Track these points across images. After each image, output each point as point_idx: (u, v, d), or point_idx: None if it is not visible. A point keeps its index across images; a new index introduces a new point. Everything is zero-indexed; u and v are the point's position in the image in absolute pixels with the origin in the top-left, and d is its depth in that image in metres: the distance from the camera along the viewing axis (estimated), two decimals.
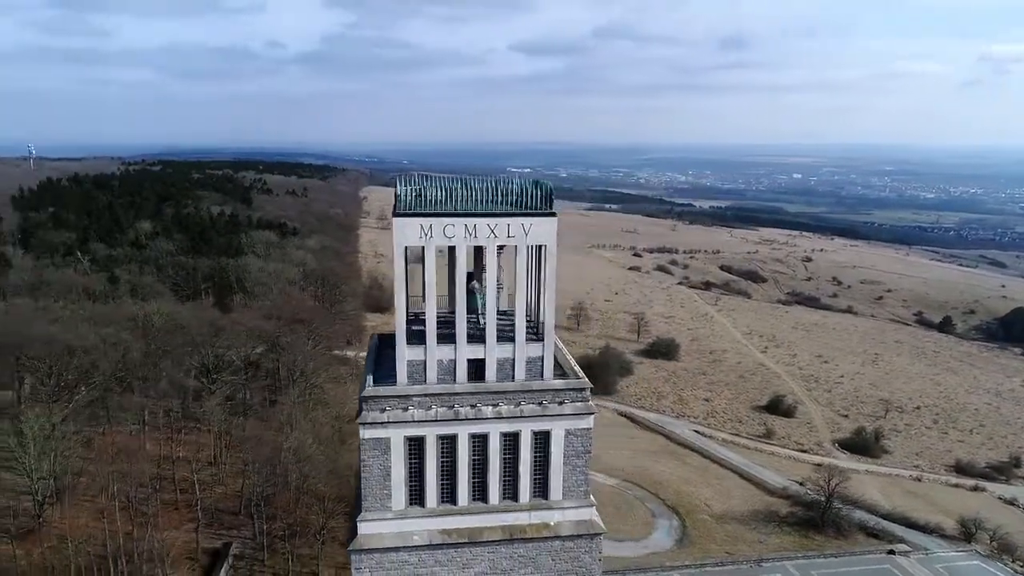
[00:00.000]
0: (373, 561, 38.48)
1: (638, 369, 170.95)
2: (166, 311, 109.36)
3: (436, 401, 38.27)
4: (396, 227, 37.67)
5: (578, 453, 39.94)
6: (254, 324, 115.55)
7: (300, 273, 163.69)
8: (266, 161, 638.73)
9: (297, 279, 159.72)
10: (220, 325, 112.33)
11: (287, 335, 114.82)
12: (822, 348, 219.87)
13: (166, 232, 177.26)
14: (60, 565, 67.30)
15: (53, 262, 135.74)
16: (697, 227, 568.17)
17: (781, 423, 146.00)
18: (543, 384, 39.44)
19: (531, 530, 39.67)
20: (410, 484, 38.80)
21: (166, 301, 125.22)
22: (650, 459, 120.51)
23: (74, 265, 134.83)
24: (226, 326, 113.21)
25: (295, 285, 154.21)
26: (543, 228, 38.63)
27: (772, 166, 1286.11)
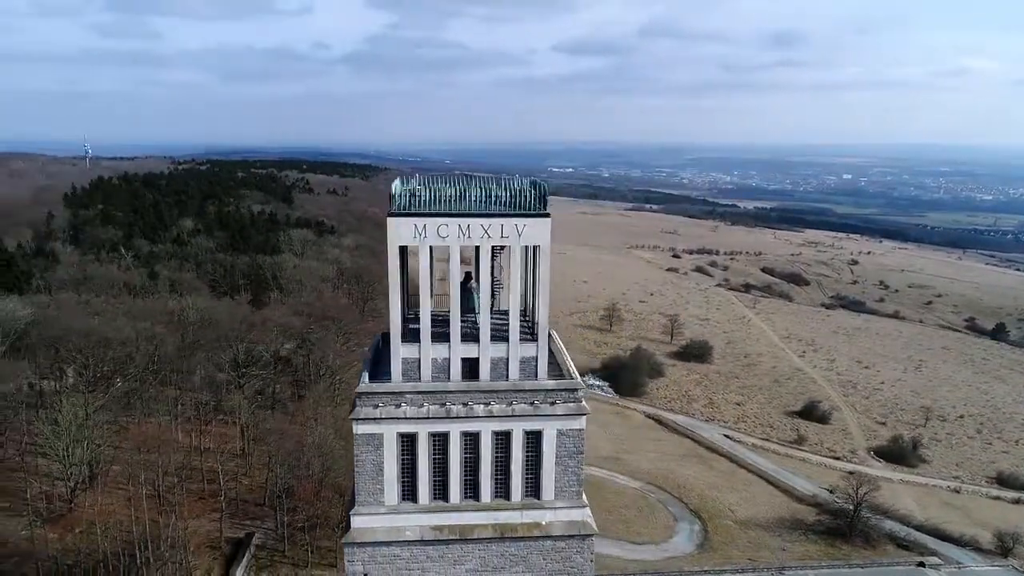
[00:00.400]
0: (365, 554, 39.16)
1: (669, 371, 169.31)
2: (200, 306, 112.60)
3: (428, 399, 38.74)
4: (390, 227, 38.18)
5: (570, 454, 39.94)
6: (285, 321, 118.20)
7: (334, 271, 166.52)
8: (310, 160, 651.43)
9: (331, 277, 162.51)
10: (252, 321, 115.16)
11: (317, 332, 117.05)
12: (863, 353, 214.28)
13: (207, 230, 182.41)
14: (89, 549, 70.01)
15: (98, 258, 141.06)
16: (739, 228, 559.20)
17: (814, 429, 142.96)
18: (535, 384, 39.55)
19: (522, 529, 39.84)
20: (402, 480, 39.35)
21: (203, 297, 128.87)
22: (676, 462, 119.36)
23: (118, 261, 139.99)
24: (257, 322, 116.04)
25: (328, 283, 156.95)
26: (537, 229, 38.79)
27: (821, 166, 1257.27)
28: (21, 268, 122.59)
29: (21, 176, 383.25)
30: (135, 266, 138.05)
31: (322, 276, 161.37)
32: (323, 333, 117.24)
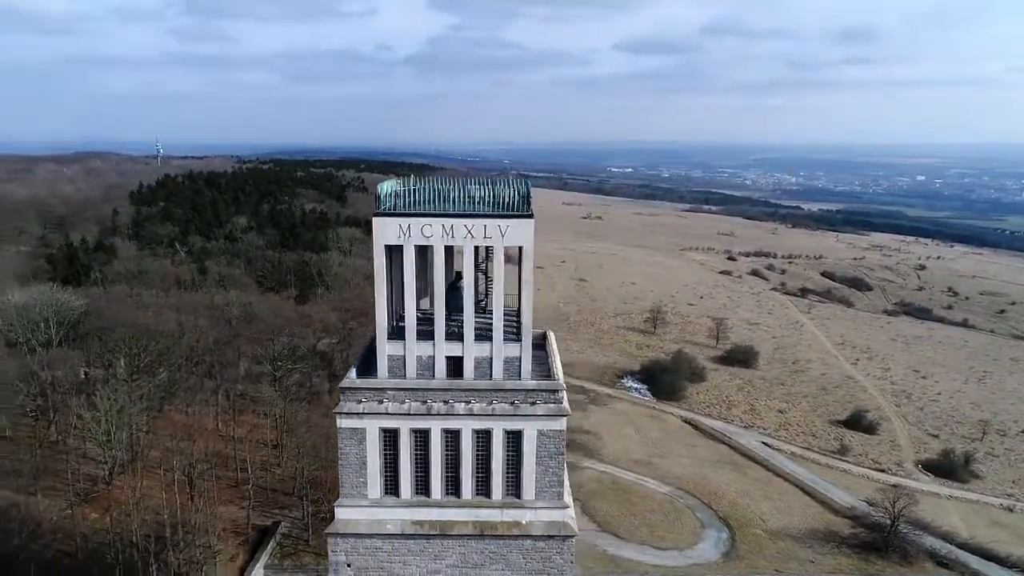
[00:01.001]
0: (348, 545, 40.22)
1: (711, 376, 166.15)
2: (244, 301, 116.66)
3: (410, 396, 39.52)
4: (376, 226, 39.18)
5: (551, 454, 40.14)
6: (325, 316, 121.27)
7: None
8: (369, 160, 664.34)
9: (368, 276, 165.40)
10: (293, 316, 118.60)
11: (355, 327, 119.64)
12: (922, 363, 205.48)
13: (260, 227, 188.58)
14: (122, 529, 73.66)
15: (154, 252, 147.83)
16: (800, 231, 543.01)
17: (860, 439, 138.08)
18: (516, 384, 39.89)
19: (502, 527, 40.21)
20: (385, 474, 40.27)
21: (250, 292, 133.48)
22: (709, 468, 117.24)
23: (171, 256, 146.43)
24: (298, 317, 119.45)
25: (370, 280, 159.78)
26: (519, 230, 39.09)
27: (893, 167, 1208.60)
28: (82, 262, 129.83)
29: (97, 175, 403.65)
30: (188, 261, 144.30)
31: (366, 274, 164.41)
32: (362, 329, 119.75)
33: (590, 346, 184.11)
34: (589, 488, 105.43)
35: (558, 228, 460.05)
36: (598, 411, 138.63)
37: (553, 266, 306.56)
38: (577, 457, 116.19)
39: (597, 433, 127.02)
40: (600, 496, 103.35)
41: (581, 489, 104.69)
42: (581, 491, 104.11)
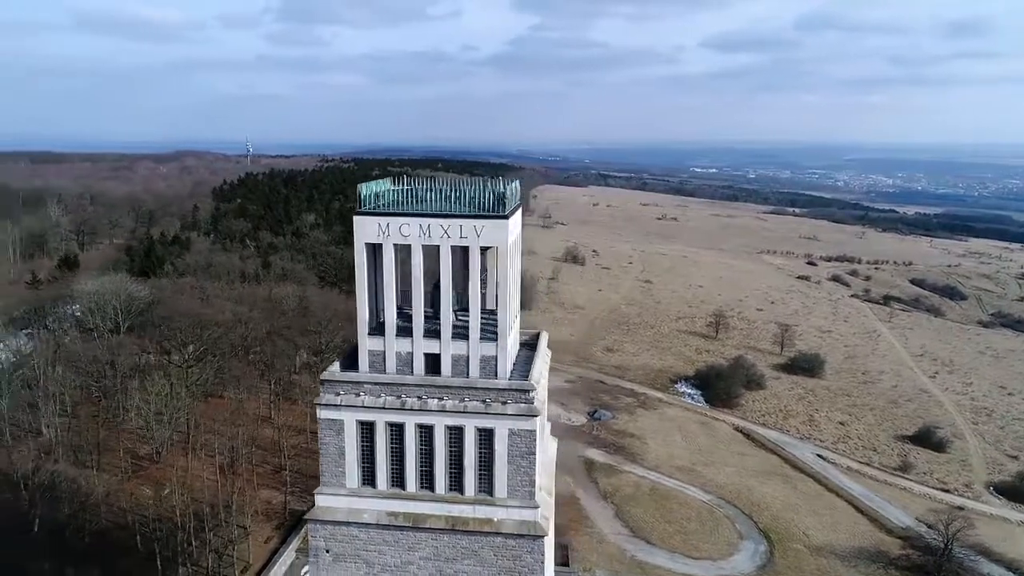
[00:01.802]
0: (327, 532, 41.71)
1: (772, 384, 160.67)
2: (298, 294, 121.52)
3: (386, 390, 40.62)
4: (356, 225, 40.36)
5: (522, 454, 40.30)
6: None
7: None
8: (448, 159, 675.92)
9: None
10: (343, 310, 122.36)
11: None
12: (1011, 378, 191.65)
13: (327, 224, 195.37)
14: (166, 505, 78.38)
15: (224, 247, 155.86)
16: (891, 235, 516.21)
17: (926, 457, 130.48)
18: (488, 383, 40.30)
19: (474, 523, 40.72)
20: (363, 465, 41.53)
21: (310, 287, 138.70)
22: (756, 479, 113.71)
23: (239, 251, 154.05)
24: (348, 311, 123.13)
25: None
26: (494, 230, 39.44)
27: (1003, 168, 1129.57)
28: (157, 254, 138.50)
29: (189, 172, 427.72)
30: (254, 256, 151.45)
31: None
32: None
33: (647, 349, 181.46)
34: (625, 492, 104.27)
35: (631, 229, 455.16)
36: (647, 415, 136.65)
37: (620, 267, 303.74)
38: (618, 460, 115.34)
39: (642, 437, 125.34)
40: (636, 501, 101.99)
41: (617, 493, 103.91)
42: (617, 495, 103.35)
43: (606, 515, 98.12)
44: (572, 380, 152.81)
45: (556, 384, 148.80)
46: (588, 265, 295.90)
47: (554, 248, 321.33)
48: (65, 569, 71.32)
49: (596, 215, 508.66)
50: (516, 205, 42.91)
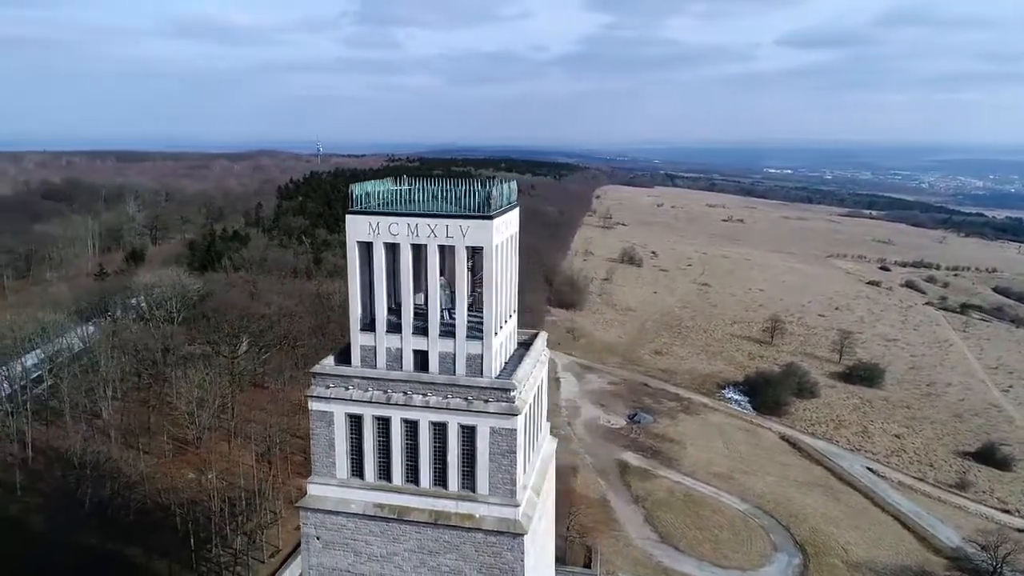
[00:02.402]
0: (317, 520, 43.17)
1: (826, 393, 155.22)
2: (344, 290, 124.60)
3: (373, 385, 41.71)
4: (348, 223, 41.59)
5: (503, 452, 40.68)
6: None
7: None
8: (513, 159, 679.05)
9: None
10: None
11: None
12: None
13: None
14: (204, 487, 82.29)
15: (281, 243, 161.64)
16: (975, 240, 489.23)
17: (988, 475, 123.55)
18: (471, 380, 40.86)
19: (456, 518, 41.41)
20: (351, 457, 42.79)
21: None
22: (798, 490, 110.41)
23: (293, 248, 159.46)
24: None
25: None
26: (479, 230, 39.92)
27: None
28: (216, 249, 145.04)
29: (261, 171, 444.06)
30: (307, 252, 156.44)
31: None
32: None
33: (697, 353, 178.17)
34: (657, 497, 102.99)
35: (694, 231, 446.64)
36: (689, 420, 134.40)
37: (678, 269, 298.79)
38: (653, 465, 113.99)
39: (682, 442, 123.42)
40: (668, 507, 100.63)
41: (649, 498, 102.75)
42: (649, 500, 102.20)
43: (636, 519, 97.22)
44: (616, 382, 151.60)
45: (598, 386, 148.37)
46: (645, 267, 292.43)
47: (611, 249, 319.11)
48: (109, 543, 75.91)
49: (659, 216, 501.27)
50: (506, 206, 43.01)
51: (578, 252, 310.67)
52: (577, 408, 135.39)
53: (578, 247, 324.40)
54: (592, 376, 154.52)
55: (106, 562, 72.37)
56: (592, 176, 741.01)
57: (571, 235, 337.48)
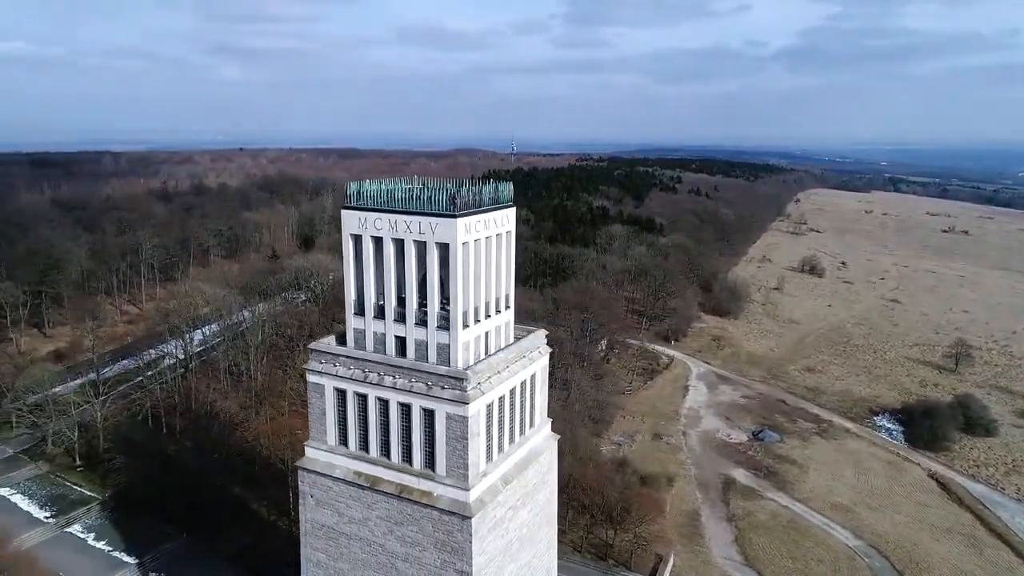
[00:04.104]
0: (311, 480, 48.65)
1: (1008, 433, 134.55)
2: None
3: (355, 364, 46.22)
4: (343, 217, 46.43)
5: (457, 437, 43.23)
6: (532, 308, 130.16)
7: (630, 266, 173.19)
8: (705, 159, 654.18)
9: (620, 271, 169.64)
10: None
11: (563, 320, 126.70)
12: None
13: (539, 219, 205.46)
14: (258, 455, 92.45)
15: None
16: None
17: None
18: (431, 367, 43.87)
19: (417, 494, 44.74)
20: (338, 426, 47.71)
21: None
22: (931, 534, 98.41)
23: None
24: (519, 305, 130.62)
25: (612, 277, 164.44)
26: (445, 228, 42.76)
27: None
28: None
29: (456, 169, 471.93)
30: None
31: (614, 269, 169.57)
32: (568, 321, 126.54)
33: (856, 374, 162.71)
34: (756, 519, 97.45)
35: (902, 241, 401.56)
36: (821, 444, 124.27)
37: (867, 282, 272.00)
38: (763, 485, 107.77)
39: (804, 466, 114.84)
40: (765, 530, 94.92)
41: (746, 518, 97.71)
42: (745, 520, 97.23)
43: (724, 538, 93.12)
44: (750, 396, 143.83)
45: (729, 398, 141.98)
46: (826, 277, 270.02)
47: (794, 257, 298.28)
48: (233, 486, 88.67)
49: (863, 223, 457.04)
50: (484, 207, 44.93)
51: (754, 259, 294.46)
52: (698, 418, 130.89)
53: (756, 253, 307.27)
54: (726, 387, 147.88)
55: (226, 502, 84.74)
56: (796, 179, 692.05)
57: (751, 240, 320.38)
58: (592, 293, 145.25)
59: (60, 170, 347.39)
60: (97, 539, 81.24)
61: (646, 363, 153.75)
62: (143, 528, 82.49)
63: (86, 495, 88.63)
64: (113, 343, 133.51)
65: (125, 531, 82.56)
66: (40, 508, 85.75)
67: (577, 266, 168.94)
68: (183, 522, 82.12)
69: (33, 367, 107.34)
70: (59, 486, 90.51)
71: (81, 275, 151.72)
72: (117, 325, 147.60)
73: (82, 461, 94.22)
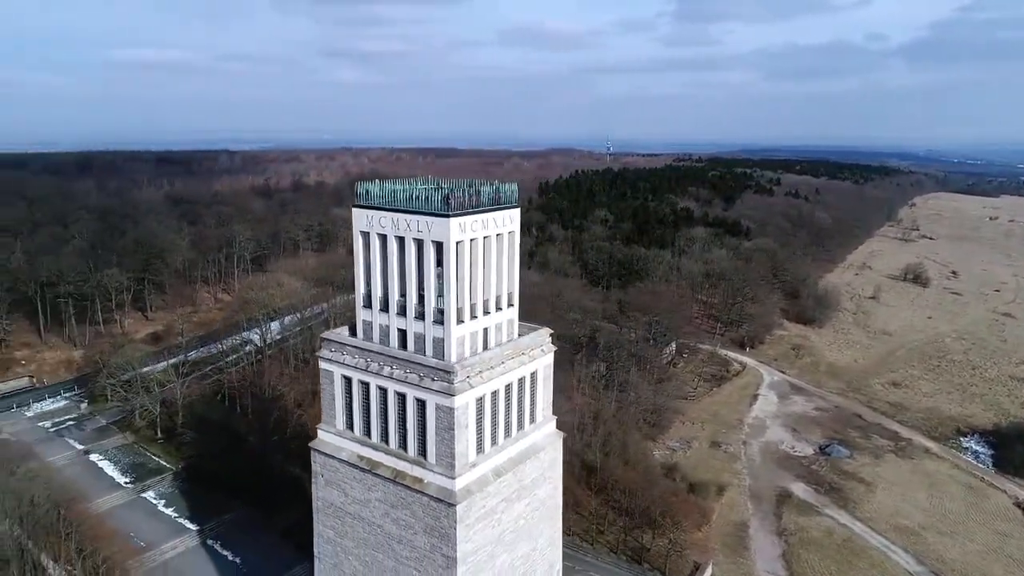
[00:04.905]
0: (321, 460, 51.95)
1: None
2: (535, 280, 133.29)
3: (359, 354, 49.01)
4: (354, 216, 49.27)
5: (445, 427, 45.13)
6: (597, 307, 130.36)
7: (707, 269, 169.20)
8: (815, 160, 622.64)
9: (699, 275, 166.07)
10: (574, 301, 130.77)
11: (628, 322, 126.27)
12: None
13: (618, 220, 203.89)
14: None
15: None
16: None
17: None
18: (422, 359, 46.02)
19: (410, 479, 47.02)
20: (345, 412, 50.67)
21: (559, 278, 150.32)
22: (1005, 567, 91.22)
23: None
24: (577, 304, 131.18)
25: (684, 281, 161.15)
26: (439, 227, 44.76)
27: None
28: None
29: (548, 168, 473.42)
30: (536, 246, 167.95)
31: (689, 272, 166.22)
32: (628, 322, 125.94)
33: (948, 391, 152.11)
34: (809, 536, 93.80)
35: None
36: (895, 463, 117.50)
37: (979, 294, 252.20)
38: (822, 502, 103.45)
39: (872, 485, 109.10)
40: (816, 547, 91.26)
41: (797, 534, 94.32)
42: (796, 536, 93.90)
43: (770, 552, 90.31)
44: (824, 408, 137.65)
45: (801, 409, 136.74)
46: (932, 288, 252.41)
47: (897, 265, 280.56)
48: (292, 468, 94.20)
49: (984, 231, 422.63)
50: (483, 207, 46.41)
51: (852, 265, 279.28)
52: (763, 428, 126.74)
53: (856, 260, 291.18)
54: (799, 398, 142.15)
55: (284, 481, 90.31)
56: (914, 182, 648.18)
57: (851, 246, 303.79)
58: (661, 296, 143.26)
59: (181, 167, 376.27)
60: (167, 505, 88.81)
61: (715, 369, 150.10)
62: (207, 499, 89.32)
63: (162, 465, 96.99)
64: (203, 328, 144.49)
65: (191, 500, 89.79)
66: (122, 474, 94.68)
67: (651, 268, 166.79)
68: (243, 496, 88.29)
69: (127, 347, 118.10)
70: (140, 455, 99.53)
71: (183, 264, 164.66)
72: (211, 311, 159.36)
73: (162, 434, 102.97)
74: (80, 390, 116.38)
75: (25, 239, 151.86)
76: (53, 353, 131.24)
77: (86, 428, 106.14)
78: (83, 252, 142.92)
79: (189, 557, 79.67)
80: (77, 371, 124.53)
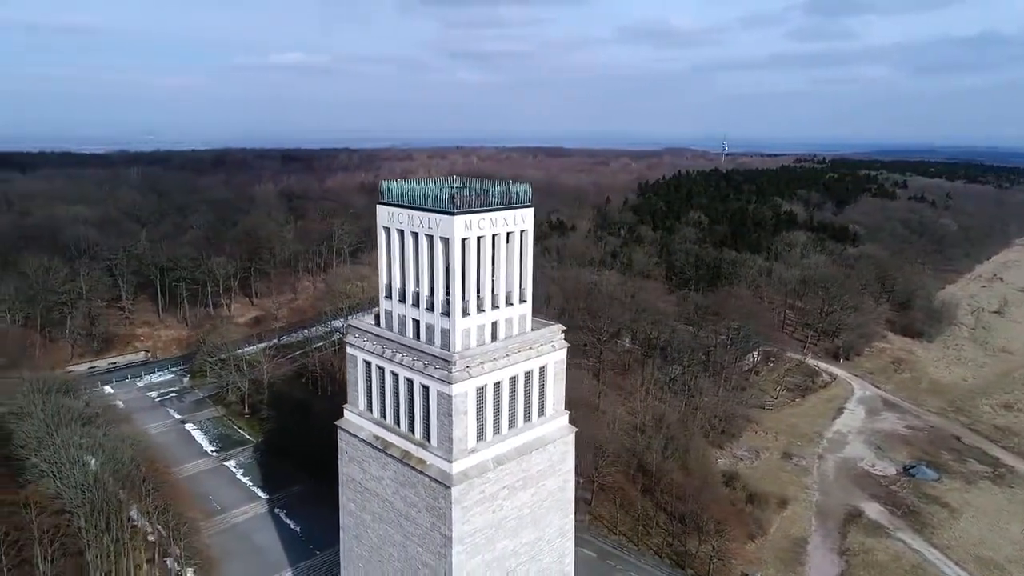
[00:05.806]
0: (346, 438, 56.05)
1: None
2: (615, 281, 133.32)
3: (376, 341, 52.48)
4: (378, 212, 52.76)
5: (444, 413, 47.76)
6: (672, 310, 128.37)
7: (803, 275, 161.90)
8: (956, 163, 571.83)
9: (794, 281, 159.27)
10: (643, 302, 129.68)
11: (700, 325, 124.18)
12: None
13: (713, 223, 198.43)
14: None
15: (597, 236, 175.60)
16: None
17: None
18: (427, 348, 48.81)
19: (415, 460, 50.07)
20: (366, 394, 54.33)
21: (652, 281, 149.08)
22: None
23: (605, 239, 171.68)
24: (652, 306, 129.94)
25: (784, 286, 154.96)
26: (446, 224, 47.38)
27: None
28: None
29: (657, 168, 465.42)
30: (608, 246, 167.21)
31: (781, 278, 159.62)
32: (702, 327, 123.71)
33: None
34: (874, 559, 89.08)
35: None
36: (989, 490, 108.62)
37: None
38: (896, 524, 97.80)
39: (957, 511, 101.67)
40: (879, 570, 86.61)
41: (860, 555, 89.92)
42: (858, 557, 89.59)
43: (826, 570, 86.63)
44: (916, 427, 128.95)
45: (890, 426, 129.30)
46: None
47: None
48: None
49: None
50: (492, 206, 48.51)
51: (980, 276, 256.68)
52: (843, 443, 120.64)
53: (986, 270, 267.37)
54: (890, 415, 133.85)
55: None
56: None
57: (981, 256, 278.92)
58: (745, 301, 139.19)
59: (302, 164, 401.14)
60: (244, 474, 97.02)
61: (801, 379, 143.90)
62: (280, 471, 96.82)
63: (245, 437, 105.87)
64: (299, 315, 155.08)
65: (266, 471, 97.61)
66: (210, 443, 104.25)
67: (740, 273, 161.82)
68: (311, 471, 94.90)
69: (225, 328, 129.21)
70: (228, 428, 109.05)
71: (288, 255, 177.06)
72: (309, 299, 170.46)
73: (248, 410, 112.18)
74: (184, 366, 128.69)
75: (151, 228, 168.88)
76: (168, 331, 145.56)
77: (185, 400, 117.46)
78: (197, 241, 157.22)
79: (256, 522, 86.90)
80: (185, 348, 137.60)
